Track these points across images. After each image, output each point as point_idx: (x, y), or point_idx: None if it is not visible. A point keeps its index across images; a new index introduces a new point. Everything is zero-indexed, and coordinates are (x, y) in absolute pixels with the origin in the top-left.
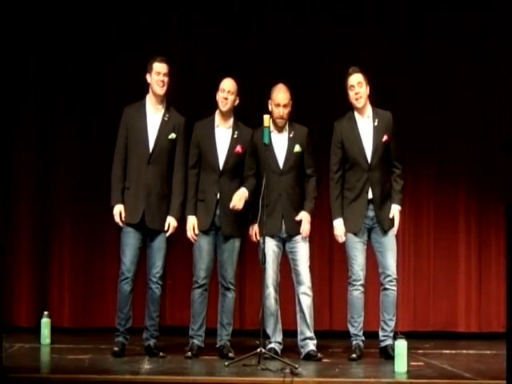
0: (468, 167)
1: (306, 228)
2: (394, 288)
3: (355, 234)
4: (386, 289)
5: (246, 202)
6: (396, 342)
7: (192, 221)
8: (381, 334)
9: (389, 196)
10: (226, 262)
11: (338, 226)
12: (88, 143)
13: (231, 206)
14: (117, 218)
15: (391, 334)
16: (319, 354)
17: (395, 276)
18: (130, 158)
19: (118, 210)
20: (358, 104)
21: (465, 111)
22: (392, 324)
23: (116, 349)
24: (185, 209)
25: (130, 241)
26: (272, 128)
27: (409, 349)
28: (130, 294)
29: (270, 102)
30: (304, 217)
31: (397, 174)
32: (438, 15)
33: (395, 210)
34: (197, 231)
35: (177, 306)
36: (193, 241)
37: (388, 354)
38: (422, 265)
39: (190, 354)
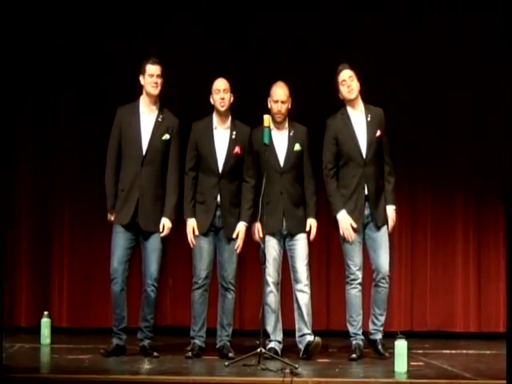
0: (466, 166)
1: (313, 234)
2: (386, 286)
3: (355, 231)
4: (377, 286)
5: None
6: (396, 342)
7: (191, 224)
8: (371, 326)
9: (382, 191)
10: (226, 262)
11: (343, 218)
12: (88, 144)
13: (237, 249)
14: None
15: (381, 329)
16: (317, 338)
17: (387, 274)
18: (124, 159)
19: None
20: (351, 95)
21: (463, 114)
22: (382, 319)
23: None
24: (183, 211)
25: (119, 241)
26: (272, 126)
27: (408, 349)
28: (120, 294)
29: (269, 99)
30: (313, 224)
31: (387, 171)
32: (438, 15)
33: (391, 211)
34: (197, 233)
35: (177, 305)
36: (191, 245)
37: (377, 350)
38: (419, 264)
39: (190, 354)
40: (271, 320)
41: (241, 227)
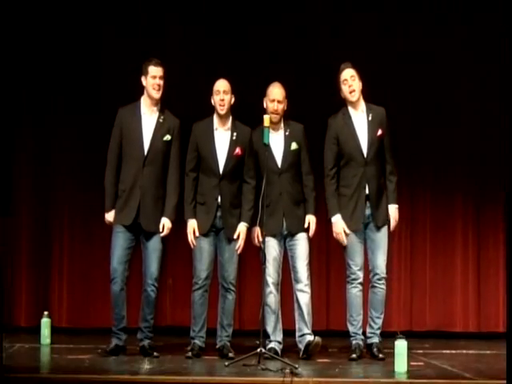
0: (466, 168)
1: (313, 230)
2: (383, 287)
3: (355, 231)
4: (374, 287)
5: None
6: (396, 342)
7: (192, 224)
8: (368, 330)
9: (383, 191)
10: (227, 262)
11: (337, 222)
12: (88, 144)
13: (238, 250)
14: (112, 222)
15: (378, 332)
16: (317, 337)
17: (384, 275)
18: (125, 159)
19: (113, 216)
20: (353, 97)
21: (463, 115)
22: (379, 322)
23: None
24: (184, 212)
25: (119, 242)
26: None
27: (408, 349)
28: (119, 294)
29: (265, 99)
30: (312, 220)
31: (389, 170)
32: (437, 15)
33: (393, 210)
34: (197, 234)
35: (177, 305)
36: (192, 246)
37: (372, 353)
38: (418, 264)
39: (190, 354)
40: (271, 320)
41: (242, 228)
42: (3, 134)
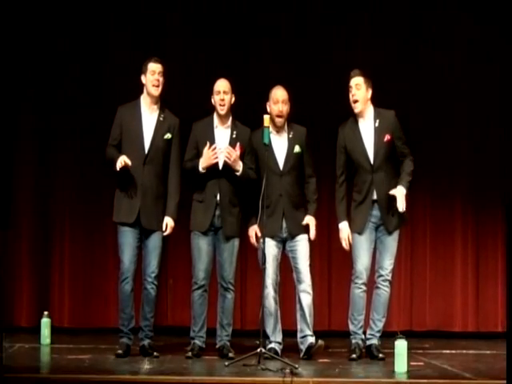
0: (466, 168)
1: (313, 232)
2: (386, 289)
3: (359, 234)
4: (378, 288)
5: (246, 203)
6: (396, 342)
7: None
8: (368, 332)
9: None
10: (225, 261)
11: (343, 228)
12: (88, 144)
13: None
14: (119, 163)
15: (378, 334)
16: (320, 341)
17: (388, 277)
18: None
19: (122, 157)
20: (355, 109)
21: (463, 118)
22: (380, 324)
23: (120, 351)
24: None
25: (128, 240)
26: (271, 129)
27: (408, 349)
28: (131, 293)
29: (268, 103)
30: (310, 221)
31: (409, 159)
32: (438, 15)
33: (400, 191)
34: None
35: (177, 305)
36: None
37: (372, 354)
38: (418, 265)
39: (190, 354)
40: (270, 322)
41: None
42: (4, 135)
